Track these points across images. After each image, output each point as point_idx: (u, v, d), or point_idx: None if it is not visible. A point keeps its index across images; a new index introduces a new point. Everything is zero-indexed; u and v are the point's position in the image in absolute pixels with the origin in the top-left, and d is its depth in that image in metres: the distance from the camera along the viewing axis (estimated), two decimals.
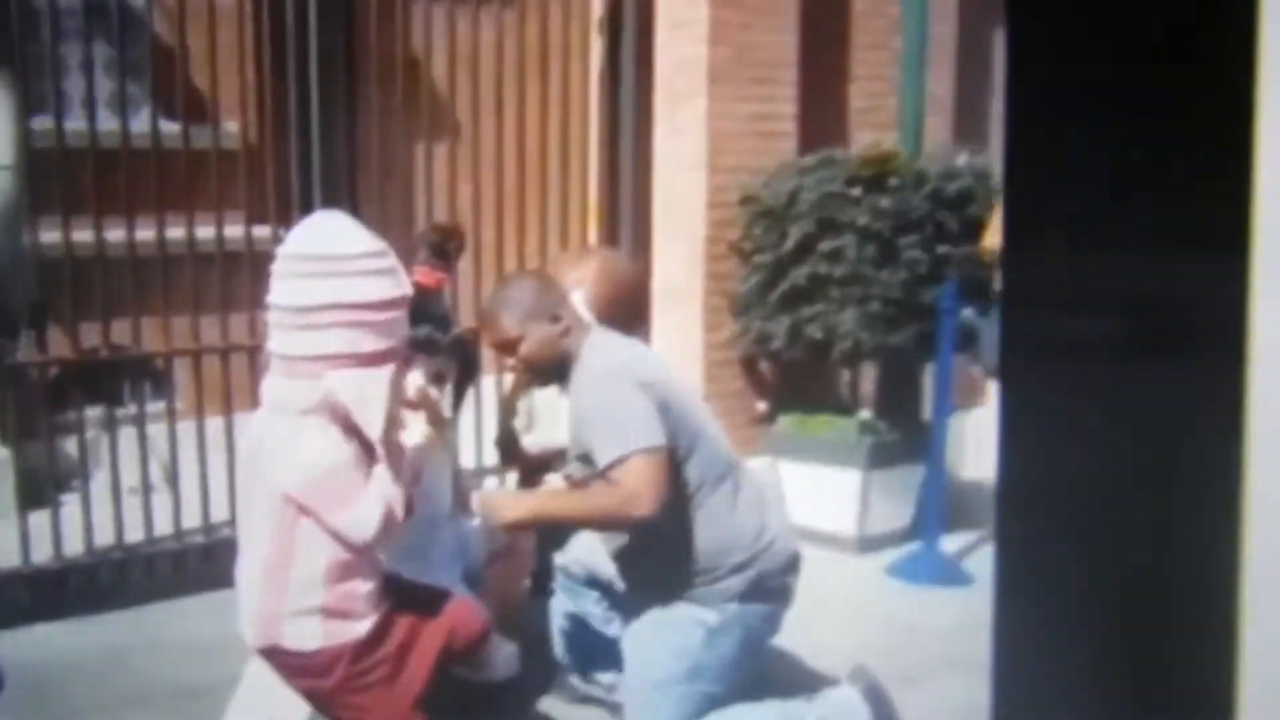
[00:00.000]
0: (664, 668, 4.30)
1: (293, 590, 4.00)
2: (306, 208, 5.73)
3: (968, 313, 6.55)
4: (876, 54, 7.95)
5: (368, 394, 3.96)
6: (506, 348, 4.33)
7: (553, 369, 4.34)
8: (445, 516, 4.97)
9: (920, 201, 6.92)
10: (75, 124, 5.82)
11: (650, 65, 7.28)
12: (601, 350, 4.32)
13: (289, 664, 4.10)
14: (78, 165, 5.57)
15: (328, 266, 3.95)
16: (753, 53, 7.43)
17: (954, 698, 5.02)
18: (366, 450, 4.06)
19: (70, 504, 6.03)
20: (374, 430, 3.99)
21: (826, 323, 6.96)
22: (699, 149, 7.32)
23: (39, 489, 6.26)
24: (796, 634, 4.98)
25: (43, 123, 5.59)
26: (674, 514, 4.16)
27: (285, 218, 5.91)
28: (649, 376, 4.24)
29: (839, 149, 7.37)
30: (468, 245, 5.87)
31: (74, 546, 5.83)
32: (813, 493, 7.01)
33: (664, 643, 4.32)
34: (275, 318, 4.04)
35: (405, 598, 4.25)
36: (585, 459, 4.23)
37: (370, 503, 3.94)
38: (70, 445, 6.50)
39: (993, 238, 6.38)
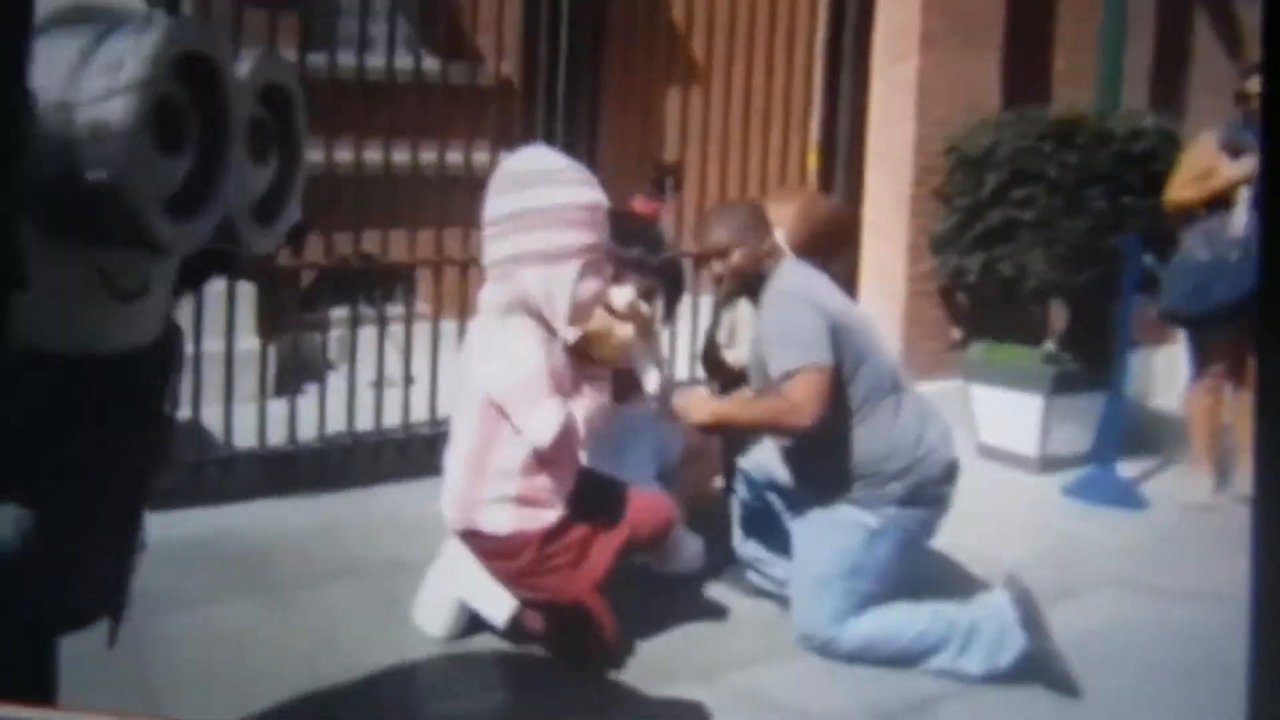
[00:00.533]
0: (827, 566, 4.11)
1: (491, 479, 3.86)
2: (550, 139, 5.52)
3: (1148, 259, 6.08)
4: (1080, 24, 7.45)
5: (553, 287, 3.78)
6: (718, 255, 4.31)
7: (752, 282, 4.29)
8: (647, 417, 4.73)
9: (1105, 158, 6.54)
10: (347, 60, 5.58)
11: (870, 28, 6.92)
12: (788, 275, 4.26)
13: (483, 545, 3.94)
14: (345, 96, 5.40)
15: (525, 180, 3.82)
16: (964, 18, 7.12)
17: (1110, 613, 4.64)
18: (563, 354, 3.90)
19: (310, 394, 5.91)
20: (560, 322, 3.81)
21: (1017, 261, 6.65)
22: (909, 104, 7.06)
23: (282, 379, 6.21)
24: (966, 542, 4.71)
25: (317, 60, 5.39)
26: (839, 424, 4.07)
27: None
28: (823, 301, 4.14)
29: (1036, 108, 7.01)
30: (697, 181, 5.74)
31: (308, 433, 5.67)
32: (999, 415, 6.62)
33: (828, 543, 4.13)
34: (485, 231, 3.92)
35: (596, 490, 4.07)
36: (762, 370, 4.15)
37: (552, 411, 3.75)
38: (315, 341, 6.43)
39: (1175, 193, 5.98)
